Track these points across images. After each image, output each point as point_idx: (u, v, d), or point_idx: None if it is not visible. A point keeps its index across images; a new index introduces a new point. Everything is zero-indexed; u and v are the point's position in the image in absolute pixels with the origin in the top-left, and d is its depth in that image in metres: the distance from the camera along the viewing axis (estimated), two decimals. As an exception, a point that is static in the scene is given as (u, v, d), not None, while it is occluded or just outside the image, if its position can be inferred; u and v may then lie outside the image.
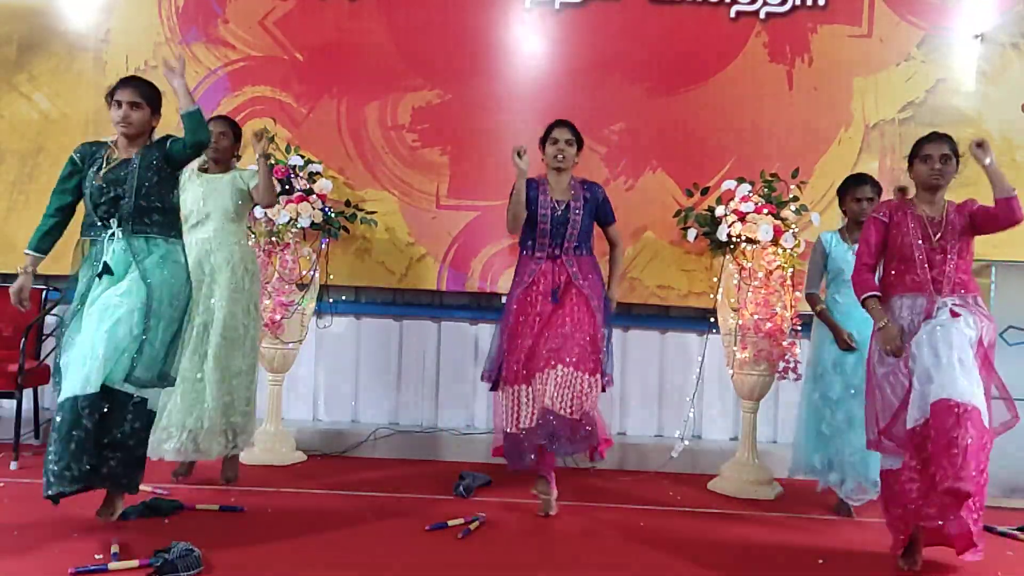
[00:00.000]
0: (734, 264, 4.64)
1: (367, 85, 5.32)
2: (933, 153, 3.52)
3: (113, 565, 3.09)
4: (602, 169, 5.18)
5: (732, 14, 5.24)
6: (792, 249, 4.55)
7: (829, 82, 5.21)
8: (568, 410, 3.88)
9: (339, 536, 3.61)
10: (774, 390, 4.91)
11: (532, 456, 3.96)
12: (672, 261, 5.23)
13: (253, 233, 4.66)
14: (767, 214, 4.54)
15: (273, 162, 4.47)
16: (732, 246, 4.60)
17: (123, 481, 3.41)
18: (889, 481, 3.53)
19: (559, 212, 4.13)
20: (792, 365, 4.57)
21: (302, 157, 4.93)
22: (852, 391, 4.14)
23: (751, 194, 4.62)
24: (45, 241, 3.63)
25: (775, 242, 4.52)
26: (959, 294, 3.47)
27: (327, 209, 4.85)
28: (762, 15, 5.23)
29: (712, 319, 4.93)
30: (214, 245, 4.14)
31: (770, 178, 4.71)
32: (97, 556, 3.17)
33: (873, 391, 3.58)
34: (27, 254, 3.60)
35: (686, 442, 5.08)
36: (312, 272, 4.83)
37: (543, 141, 4.23)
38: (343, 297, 5.38)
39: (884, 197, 4.24)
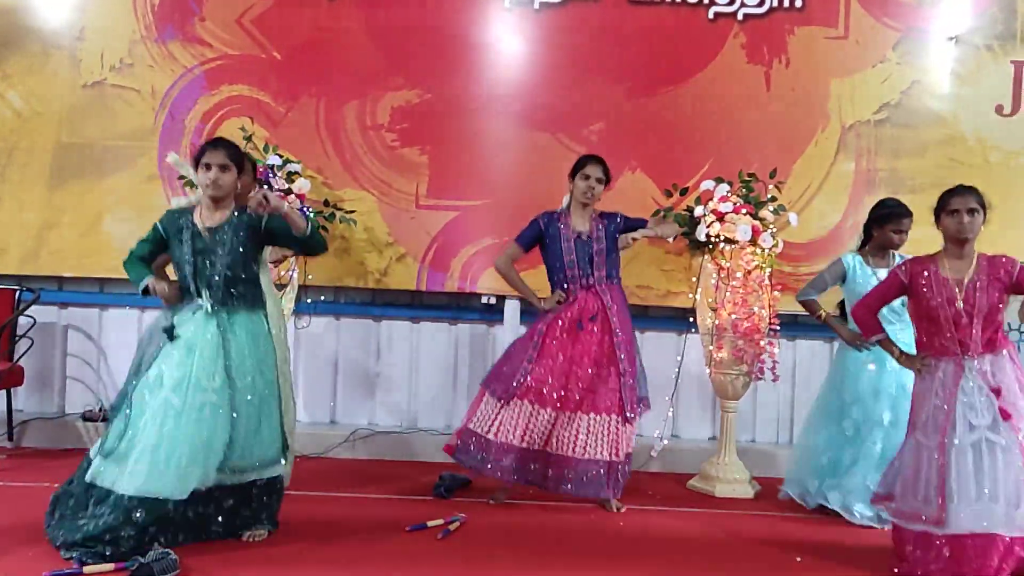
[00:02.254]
0: (713, 264, 4.66)
1: (346, 84, 5.29)
2: (960, 208, 3.42)
3: (88, 569, 3.06)
4: (581, 169, 5.19)
5: (710, 15, 5.26)
6: (770, 249, 4.58)
7: (806, 83, 5.25)
8: (605, 453, 4.08)
9: (318, 537, 3.59)
10: (752, 390, 4.94)
11: (499, 471, 4.08)
12: (651, 261, 5.25)
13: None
14: (745, 214, 4.56)
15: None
16: (711, 246, 4.62)
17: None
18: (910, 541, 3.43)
19: (582, 241, 4.23)
20: (770, 365, 4.59)
21: (280, 157, 4.89)
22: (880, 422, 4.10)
23: (729, 194, 4.64)
24: (143, 269, 3.52)
25: (753, 242, 4.54)
26: (989, 355, 3.41)
27: (306, 209, 4.82)
28: (740, 16, 5.25)
29: (691, 319, 4.95)
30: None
31: (748, 178, 4.74)
32: (71, 560, 3.14)
33: (906, 453, 3.50)
34: (148, 282, 3.46)
35: (665, 441, 5.10)
36: (291, 272, 4.80)
37: (573, 173, 4.30)
38: (322, 297, 5.35)
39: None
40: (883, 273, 4.20)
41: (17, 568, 3.09)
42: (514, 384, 4.12)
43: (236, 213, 3.46)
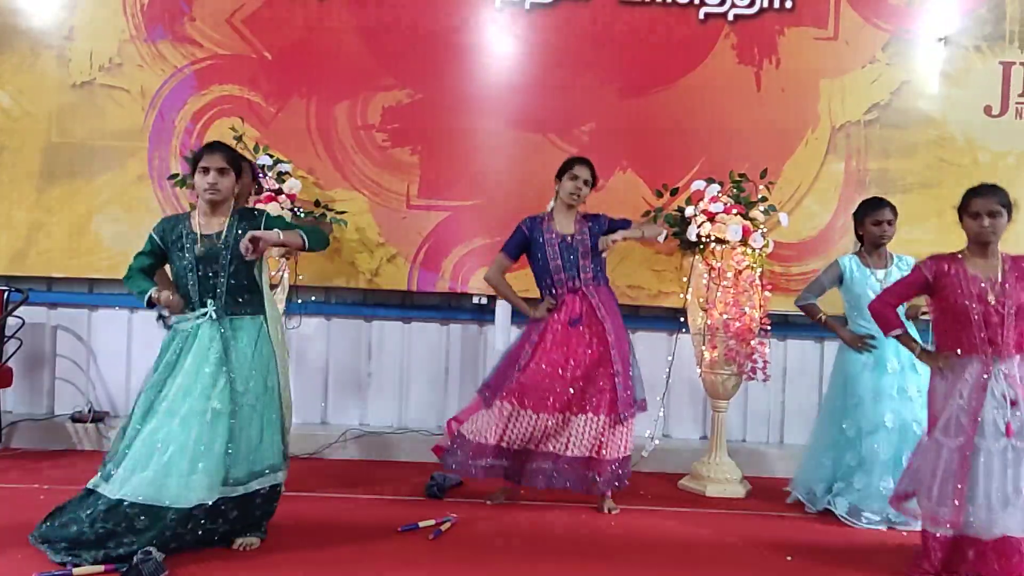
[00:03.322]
0: (703, 264, 4.67)
1: (336, 84, 5.28)
2: (981, 210, 3.33)
3: (78, 571, 3.05)
4: (572, 169, 5.19)
5: (701, 16, 5.27)
6: (761, 249, 4.59)
7: (796, 84, 5.26)
8: (586, 450, 4.06)
9: (310, 538, 3.58)
10: (743, 389, 4.95)
11: (475, 470, 4.10)
12: (642, 261, 5.25)
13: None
14: (736, 214, 4.58)
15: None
16: (701, 246, 4.63)
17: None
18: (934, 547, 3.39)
19: (567, 244, 4.21)
20: (760, 365, 4.60)
21: (271, 157, 4.88)
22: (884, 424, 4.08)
23: (720, 195, 4.65)
24: (146, 281, 3.46)
25: (744, 242, 4.55)
26: (1015, 356, 3.33)
27: (296, 209, 4.82)
28: (730, 17, 5.27)
29: (682, 319, 4.96)
30: None
31: (739, 179, 4.75)
32: (62, 561, 3.13)
33: (926, 452, 3.44)
34: (152, 293, 3.40)
35: (656, 441, 5.11)
36: (281, 273, 4.79)
37: (560, 174, 4.28)
38: (312, 298, 5.33)
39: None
40: (882, 273, 4.23)
41: (7, 570, 3.08)
42: (503, 389, 4.13)
43: (237, 218, 3.43)
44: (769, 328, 4.65)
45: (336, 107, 5.28)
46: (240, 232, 3.37)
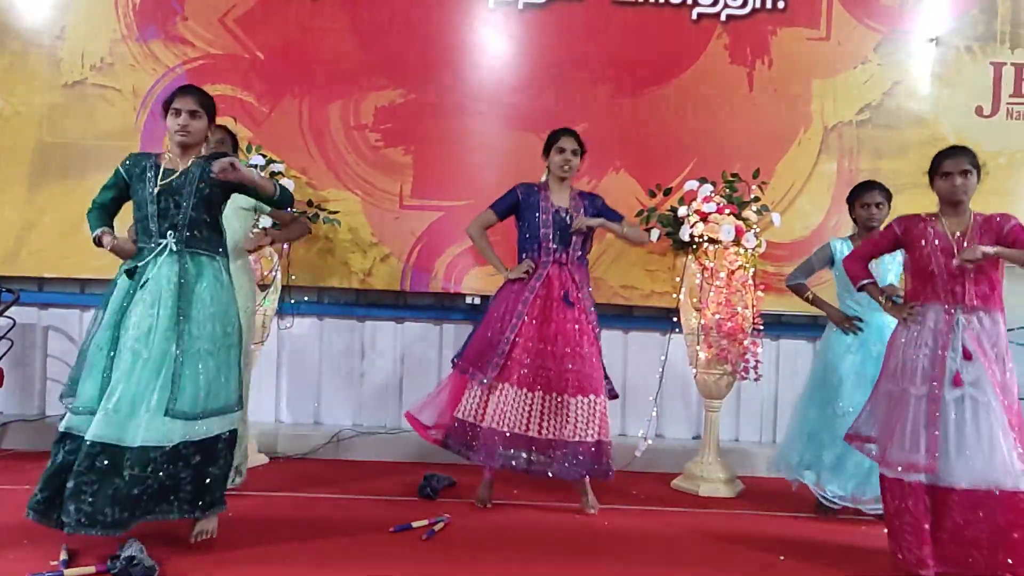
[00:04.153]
0: (696, 264, 4.67)
1: (329, 84, 5.28)
2: (952, 170, 3.45)
3: (69, 572, 3.04)
4: (565, 169, 5.19)
5: (694, 16, 5.28)
6: (754, 249, 4.60)
7: (789, 84, 5.28)
8: (595, 435, 4.03)
9: (302, 539, 3.57)
10: (736, 389, 4.96)
11: (485, 456, 4.00)
12: (635, 261, 5.26)
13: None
14: (729, 214, 4.58)
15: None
16: (694, 246, 4.64)
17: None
18: (898, 494, 3.42)
19: (560, 216, 4.18)
20: (753, 365, 4.61)
21: (264, 157, 4.88)
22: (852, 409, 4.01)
23: (713, 195, 4.66)
24: (103, 219, 3.44)
25: (737, 242, 4.56)
26: (979, 311, 3.42)
27: (289, 210, 4.80)
28: (723, 17, 5.28)
29: (675, 319, 4.96)
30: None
31: (731, 179, 4.76)
32: (52, 563, 3.11)
33: (887, 399, 3.54)
34: (103, 232, 3.37)
35: (649, 441, 5.11)
36: (274, 273, 4.78)
37: (547, 148, 4.26)
38: (305, 298, 5.33)
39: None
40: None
41: (1, 570, 3.06)
42: (495, 365, 4.05)
43: (205, 160, 3.42)
44: (762, 328, 4.66)
45: (329, 107, 5.28)
46: (207, 170, 3.35)
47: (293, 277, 5.10)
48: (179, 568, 3.15)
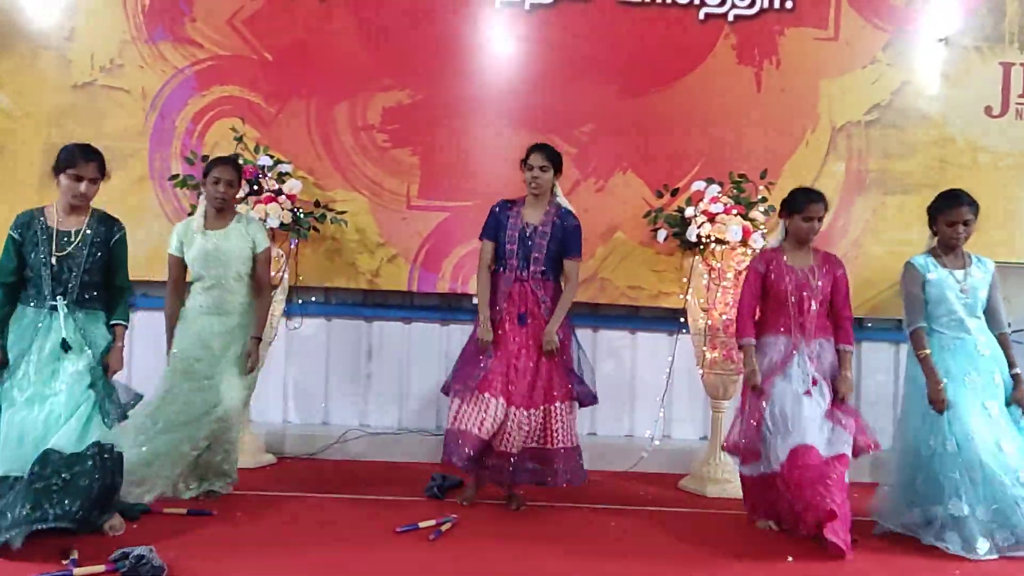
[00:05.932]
0: (704, 264, 4.67)
1: (337, 85, 5.29)
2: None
3: (78, 572, 3.05)
4: (572, 170, 5.18)
5: (701, 16, 5.27)
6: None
7: (796, 84, 5.26)
8: (563, 442, 4.13)
9: (309, 539, 3.59)
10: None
11: (460, 458, 4.04)
12: (642, 261, 5.26)
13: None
14: (736, 215, 4.58)
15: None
16: (702, 247, 4.63)
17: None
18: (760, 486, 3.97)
19: (526, 235, 4.19)
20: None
21: (271, 157, 4.88)
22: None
23: (720, 195, 4.65)
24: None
25: (744, 243, 4.55)
26: (821, 338, 3.96)
27: (296, 210, 4.81)
28: (730, 17, 5.27)
29: (682, 319, 4.96)
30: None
31: (739, 179, 4.75)
32: (64, 561, 3.13)
33: (745, 409, 4.01)
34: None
35: (656, 441, 5.11)
36: (281, 273, 4.79)
37: (522, 164, 4.28)
38: (313, 298, 5.34)
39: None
40: (960, 274, 3.92)
41: (6, 571, 3.08)
42: (473, 380, 4.12)
43: (96, 221, 3.60)
44: (769, 328, 4.64)
45: (336, 108, 5.29)
46: (100, 233, 3.58)
47: (300, 278, 5.10)
48: (187, 568, 3.16)
